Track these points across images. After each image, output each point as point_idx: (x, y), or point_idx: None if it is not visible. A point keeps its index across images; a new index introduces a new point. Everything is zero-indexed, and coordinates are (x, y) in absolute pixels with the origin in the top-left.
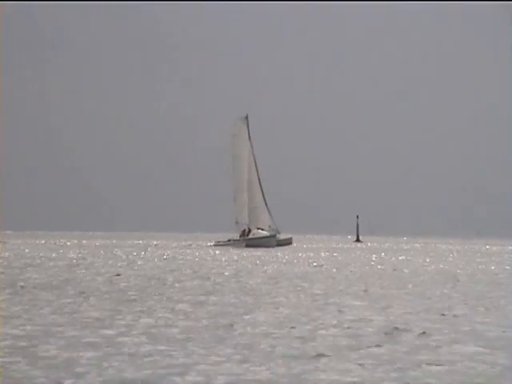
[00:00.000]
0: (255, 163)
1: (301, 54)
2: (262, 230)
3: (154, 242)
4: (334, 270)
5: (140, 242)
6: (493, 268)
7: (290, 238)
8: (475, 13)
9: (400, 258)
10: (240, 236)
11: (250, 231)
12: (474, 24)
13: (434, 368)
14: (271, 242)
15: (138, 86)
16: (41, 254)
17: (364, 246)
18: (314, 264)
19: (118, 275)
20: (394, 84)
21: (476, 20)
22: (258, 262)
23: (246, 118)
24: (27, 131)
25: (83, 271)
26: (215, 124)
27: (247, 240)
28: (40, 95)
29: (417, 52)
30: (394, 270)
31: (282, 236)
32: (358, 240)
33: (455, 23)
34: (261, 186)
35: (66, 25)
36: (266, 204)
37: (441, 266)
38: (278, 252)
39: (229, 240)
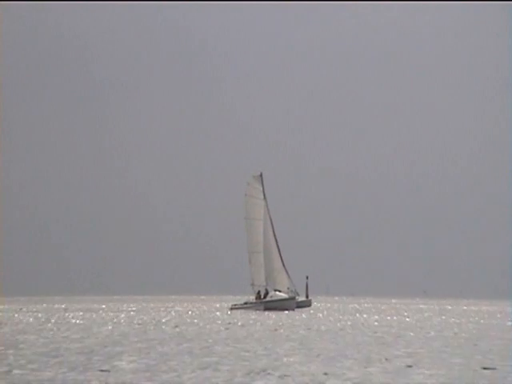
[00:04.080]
0: (271, 223)
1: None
2: (280, 291)
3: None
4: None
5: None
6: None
7: (310, 300)
8: (475, 13)
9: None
10: (256, 298)
11: (266, 293)
12: (474, 24)
13: None
14: (291, 304)
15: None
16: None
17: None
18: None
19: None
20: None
21: (476, 20)
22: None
23: (261, 176)
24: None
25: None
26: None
27: (265, 303)
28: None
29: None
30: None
31: (300, 298)
32: None
33: (455, 23)
34: (278, 247)
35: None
36: (284, 265)
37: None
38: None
39: (245, 303)
